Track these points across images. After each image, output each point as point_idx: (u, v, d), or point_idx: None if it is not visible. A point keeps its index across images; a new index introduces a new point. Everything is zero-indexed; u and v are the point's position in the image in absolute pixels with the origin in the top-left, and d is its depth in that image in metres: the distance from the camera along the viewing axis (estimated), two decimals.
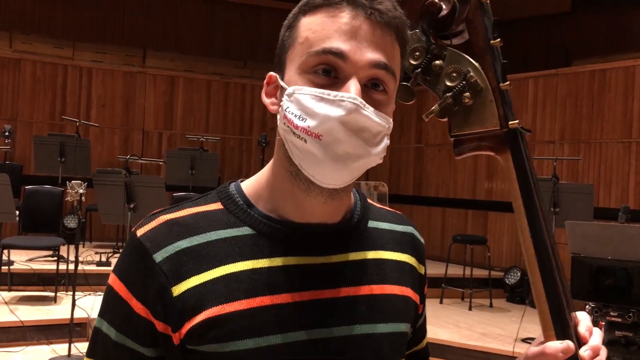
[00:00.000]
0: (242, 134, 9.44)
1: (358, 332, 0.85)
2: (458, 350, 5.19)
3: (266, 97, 0.87)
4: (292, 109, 0.79)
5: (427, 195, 8.80)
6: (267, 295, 0.80)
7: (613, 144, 6.84)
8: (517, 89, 7.76)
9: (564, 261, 4.15)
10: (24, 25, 9.91)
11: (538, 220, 0.82)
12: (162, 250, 0.80)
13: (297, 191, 0.83)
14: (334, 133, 0.77)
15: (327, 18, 0.80)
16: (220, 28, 11.04)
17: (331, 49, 0.78)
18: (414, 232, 1.00)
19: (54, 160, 6.82)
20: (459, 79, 0.83)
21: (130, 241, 0.83)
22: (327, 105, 0.77)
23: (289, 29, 0.84)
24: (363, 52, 0.78)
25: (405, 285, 0.93)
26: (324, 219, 0.86)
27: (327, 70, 0.79)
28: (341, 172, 0.79)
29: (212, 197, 0.88)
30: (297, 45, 0.81)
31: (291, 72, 0.81)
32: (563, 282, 0.84)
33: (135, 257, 0.81)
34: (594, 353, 0.82)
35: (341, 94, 0.77)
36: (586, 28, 9.62)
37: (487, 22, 0.83)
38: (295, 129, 0.78)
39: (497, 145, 0.83)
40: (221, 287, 0.79)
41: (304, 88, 0.79)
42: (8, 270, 5.86)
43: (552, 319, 0.82)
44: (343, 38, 0.78)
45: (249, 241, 0.83)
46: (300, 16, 0.83)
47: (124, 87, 8.81)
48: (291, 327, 0.81)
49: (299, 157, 0.79)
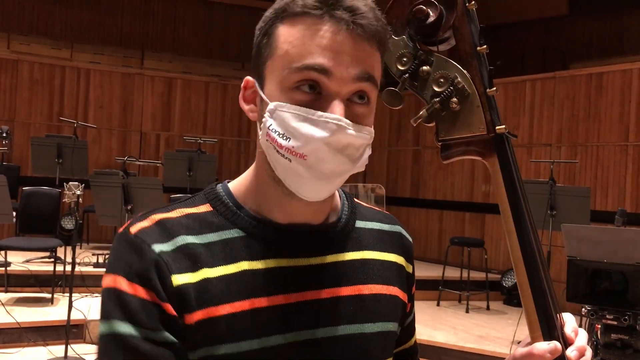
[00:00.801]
0: (239, 135, 9.45)
1: (345, 333, 0.85)
2: (455, 352, 5.19)
3: (244, 102, 0.85)
4: (274, 126, 0.78)
5: (424, 197, 8.80)
6: (263, 297, 0.81)
7: (610, 147, 6.86)
8: (514, 92, 7.78)
9: (560, 264, 4.13)
10: (22, 26, 9.91)
11: (524, 224, 0.84)
12: (158, 243, 0.80)
13: (280, 195, 0.84)
14: (319, 154, 0.77)
15: (307, 31, 0.78)
16: (218, 30, 11.05)
17: (314, 65, 0.77)
18: (401, 232, 1.01)
19: (51, 161, 6.82)
20: (447, 84, 0.84)
21: (122, 239, 0.81)
22: (311, 125, 0.77)
23: (266, 36, 0.82)
24: (346, 68, 0.78)
25: (393, 285, 0.94)
26: (307, 219, 0.87)
27: (312, 86, 0.78)
28: (325, 188, 0.80)
29: (200, 198, 0.88)
30: (276, 57, 0.80)
31: (272, 86, 0.80)
32: (549, 284, 0.85)
33: (132, 251, 0.79)
34: (579, 353, 0.83)
35: (325, 115, 0.76)
36: (583, 32, 9.65)
37: (474, 28, 0.84)
38: (279, 148, 0.78)
39: (484, 150, 0.85)
40: (217, 288, 0.79)
41: (287, 105, 0.78)
42: (5, 271, 5.86)
43: (539, 320, 0.83)
44: (326, 54, 0.77)
45: (240, 243, 0.83)
46: (277, 23, 0.81)
47: (121, 88, 8.82)
48: (280, 329, 0.81)
49: (283, 174, 0.80)
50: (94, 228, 7.99)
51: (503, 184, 0.84)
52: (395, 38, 0.85)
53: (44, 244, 5.99)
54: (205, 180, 7.32)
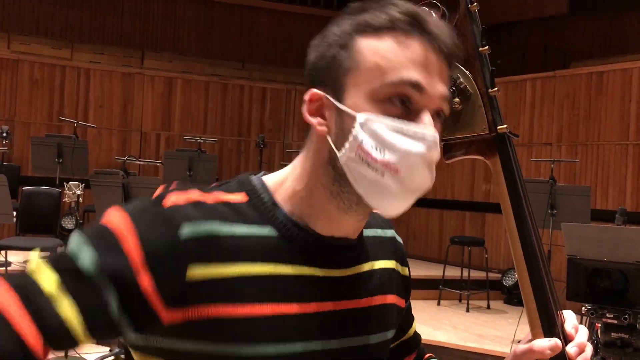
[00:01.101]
0: (240, 135, 9.45)
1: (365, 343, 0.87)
2: (455, 351, 5.19)
3: (309, 115, 0.82)
4: (367, 139, 0.76)
5: (424, 197, 8.63)
6: (292, 303, 0.80)
7: (610, 146, 6.86)
8: (514, 91, 7.78)
9: (560, 263, 4.15)
10: (22, 26, 9.91)
11: (526, 222, 0.85)
12: (190, 224, 0.76)
13: (333, 210, 0.82)
14: (413, 168, 0.76)
15: (397, 45, 0.78)
16: (218, 29, 11.05)
17: (410, 81, 0.77)
18: (394, 235, 1.01)
19: (51, 161, 6.82)
20: (449, 85, 0.84)
21: (153, 206, 0.77)
22: (408, 139, 0.76)
23: (344, 48, 0.80)
24: (436, 85, 0.78)
25: (392, 293, 0.95)
26: (349, 234, 0.86)
27: (403, 100, 0.77)
28: (406, 204, 0.80)
29: (235, 186, 0.85)
30: (363, 69, 0.78)
31: (357, 98, 0.78)
32: (550, 282, 0.86)
33: (158, 220, 0.75)
34: (579, 350, 0.84)
35: (421, 130, 0.76)
36: (584, 31, 9.65)
37: (476, 30, 0.85)
38: (372, 161, 0.76)
39: (486, 150, 0.86)
40: (242, 286, 0.78)
41: (380, 118, 0.77)
42: (5, 271, 5.85)
43: (539, 317, 0.85)
44: (418, 69, 0.77)
45: (271, 243, 0.81)
46: (356, 37, 0.80)
47: (121, 88, 8.82)
48: (309, 336, 0.81)
49: (366, 188, 0.78)
50: None
51: (505, 184, 0.85)
52: None
53: (44, 244, 5.97)
54: (205, 180, 7.32)
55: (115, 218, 0.75)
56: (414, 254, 8.41)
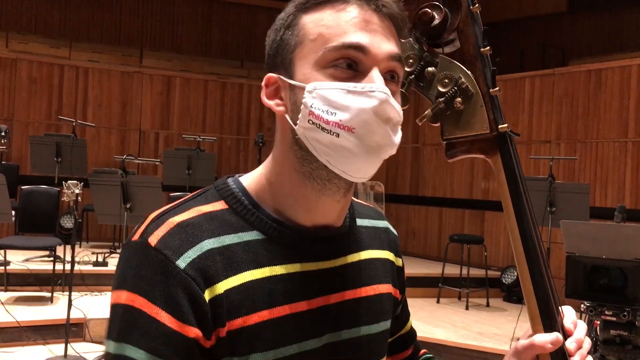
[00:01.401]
0: (239, 134, 9.44)
1: (358, 334, 0.87)
2: (455, 349, 5.19)
3: (267, 99, 0.84)
4: (317, 104, 0.77)
5: (424, 195, 8.81)
6: (285, 305, 0.80)
7: (609, 144, 6.86)
8: (513, 88, 7.78)
9: (559, 260, 4.12)
10: (20, 25, 9.90)
11: (526, 220, 0.86)
12: (183, 255, 0.75)
13: (309, 192, 0.82)
14: (368, 124, 0.77)
15: (336, 12, 0.80)
16: (217, 28, 11.04)
17: (351, 44, 0.78)
18: (388, 226, 1.02)
19: (50, 160, 6.82)
20: (451, 84, 0.86)
21: (142, 251, 0.76)
22: (358, 97, 0.77)
23: (289, 28, 0.82)
24: (380, 45, 0.79)
25: (388, 282, 0.96)
26: (332, 220, 0.86)
27: (349, 64, 0.79)
28: (371, 164, 0.80)
29: (213, 194, 0.85)
30: (307, 42, 0.80)
31: (305, 70, 0.80)
32: (550, 279, 0.87)
33: (154, 268, 0.74)
34: (578, 345, 0.86)
35: (369, 85, 0.77)
36: (582, 28, 9.65)
37: (478, 30, 0.86)
38: (325, 124, 0.77)
39: (488, 148, 0.86)
40: (244, 297, 0.77)
41: (328, 82, 0.78)
42: (4, 270, 5.86)
43: (540, 313, 0.85)
44: (359, 31, 0.79)
45: (260, 247, 0.81)
46: (300, 14, 0.82)
47: (120, 87, 8.81)
48: (306, 335, 0.81)
49: (327, 154, 0.78)
50: (94, 227, 7.99)
51: (506, 182, 0.86)
52: (401, 40, 0.86)
53: (43, 242, 5.98)
54: (204, 179, 7.32)
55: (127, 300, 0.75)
56: (413, 252, 8.42)
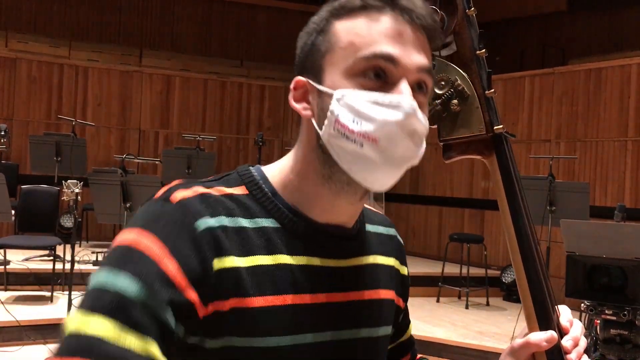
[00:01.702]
0: (238, 133, 9.44)
1: (363, 336, 0.88)
2: (455, 348, 5.20)
3: (295, 102, 0.85)
4: (344, 113, 0.78)
5: (424, 194, 8.81)
6: (290, 294, 0.81)
7: (609, 143, 6.86)
8: (513, 87, 7.78)
9: (559, 260, 4.12)
10: (20, 24, 9.90)
11: (522, 219, 0.87)
12: (203, 219, 0.76)
13: (326, 194, 0.83)
14: (392, 137, 0.77)
15: (369, 22, 0.80)
16: (216, 27, 11.04)
17: (382, 54, 0.78)
18: (396, 235, 1.03)
19: (50, 159, 6.82)
20: (447, 87, 0.87)
21: (163, 202, 0.77)
22: (384, 109, 0.77)
23: (321, 33, 0.82)
24: (410, 56, 0.79)
25: (391, 289, 0.96)
26: (344, 221, 0.87)
27: (378, 74, 0.79)
28: (393, 175, 0.80)
29: (235, 179, 0.86)
30: (338, 49, 0.80)
31: (334, 76, 0.80)
32: (546, 278, 0.88)
33: (173, 219, 0.75)
34: (574, 343, 0.86)
35: (397, 98, 0.77)
36: (582, 27, 9.65)
37: (474, 33, 0.87)
38: (350, 134, 0.77)
39: (484, 149, 0.87)
40: (253, 278, 0.78)
41: (356, 92, 0.78)
42: (4, 269, 5.86)
43: (535, 312, 0.86)
44: (391, 42, 0.79)
45: (275, 235, 0.82)
46: (333, 20, 0.82)
47: (120, 86, 8.81)
48: (319, 327, 0.83)
49: (349, 162, 0.79)
50: (93, 226, 8.00)
51: (502, 182, 0.87)
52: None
53: (43, 242, 5.99)
54: (204, 178, 7.32)
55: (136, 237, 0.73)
56: (413, 251, 8.42)
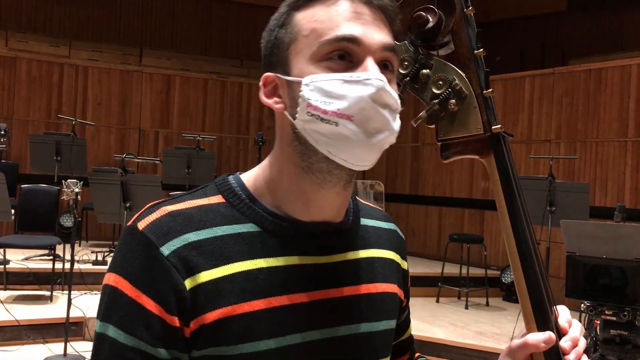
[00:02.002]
0: (238, 132, 9.44)
1: (359, 331, 0.87)
2: (454, 349, 5.20)
3: (266, 98, 0.86)
4: (315, 96, 0.79)
5: (423, 194, 8.81)
6: (282, 295, 0.81)
7: (609, 143, 6.86)
8: (513, 88, 7.77)
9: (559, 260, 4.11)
10: (20, 23, 9.90)
11: (520, 220, 0.86)
12: (168, 242, 0.77)
13: (308, 186, 0.83)
14: (366, 111, 0.78)
15: (327, 7, 0.81)
16: (217, 27, 11.04)
17: (344, 36, 0.79)
18: (396, 229, 1.03)
19: (49, 159, 6.82)
20: (445, 86, 0.87)
21: (130, 235, 0.79)
22: (355, 85, 0.78)
23: (283, 27, 0.84)
24: (373, 35, 0.80)
25: (393, 282, 0.96)
26: (330, 216, 0.87)
27: (342, 55, 0.80)
28: (371, 151, 0.81)
29: (212, 189, 0.86)
30: (301, 38, 0.82)
31: (301, 65, 0.81)
32: (544, 278, 0.88)
33: (139, 252, 0.77)
34: (573, 343, 0.86)
35: (365, 74, 0.78)
36: (582, 27, 9.65)
37: (471, 33, 0.87)
38: (324, 115, 0.78)
39: (481, 149, 0.87)
40: (233, 286, 0.78)
41: (323, 74, 0.79)
42: (4, 269, 5.86)
43: (533, 312, 0.86)
44: (352, 23, 0.80)
45: (255, 239, 0.82)
46: (293, 12, 0.83)
47: (120, 85, 8.81)
48: (305, 327, 0.82)
49: (327, 144, 0.79)
50: (93, 225, 7.99)
51: (500, 182, 0.86)
52: (397, 43, 0.87)
53: (42, 241, 5.99)
54: (204, 178, 7.32)
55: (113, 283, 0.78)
56: (412, 251, 8.42)
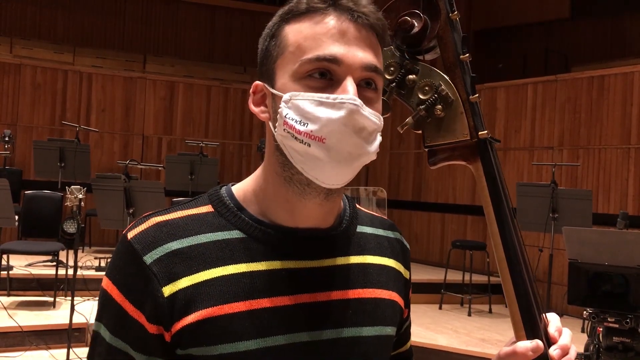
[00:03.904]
0: (241, 139, 9.46)
1: (344, 335, 0.87)
2: (457, 356, 5.18)
3: (254, 106, 0.88)
4: (291, 114, 0.80)
5: (426, 200, 8.79)
6: (265, 298, 0.82)
7: (612, 150, 6.84)
8: (516, 94, 7.77)
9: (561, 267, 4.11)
10: (24, 30, 9.95)
11: (507, 226, 0.86)
12: (152, 252, 0.81)
13: (290, 196, 0.85)
14: (337, 135, 0.78)
15: (314, 24, 0.82)
16: (220, 33, 11.08)
17: (325, 56, 0.80)
18: (400, 238, 1.02)
19: (53, 165, 6.84)
20: (431, 92, 0.86)
21: (121, 244, 0.84)
22: (328, 108, 0.78)
23: (273, 38, 0.85)
24: (354, 54, 0.81)
25: (392, 290, 0.95)
26: (316, 223, 0.87)
27: (323, 73, 0.81)
28: (344, 172, 0.81)
29: (203, 200, 0.89)
30: (287, 53, 0.82)
31: (284, 80, 0.82)
32: (533, 285, 0.87)
33: (126, 260, 0.82)
34: (563, 352, 0.85)
35: (340, 96, 0.79)
36: (585, 34, 9.64)
37: (457, 37, 0.87)
38: (297, 134, 0.79)
39: (468, 155, 0.87)
40: (214, 289, 0.80)
41: (302, 94, 0.80)
42: (7, 275, 5.87)
43: (522, 320, 0.85)
44: (335, 42, 0.80)
45: (240, 244, 0.84)
46: (283, 25, 0.84)
47: (123, 92, 8.84)
48: (289, 329, 0.83)
49: (301, 162, 0.81)
50: (96, 232, 8.01)
51: (487, 188, 0.86)
52: (383, 49, 0.87)
53: (46, 247, 6.00)
54: (207, 184, 7.33)
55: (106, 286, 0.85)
56: (415, 257, 8.40)
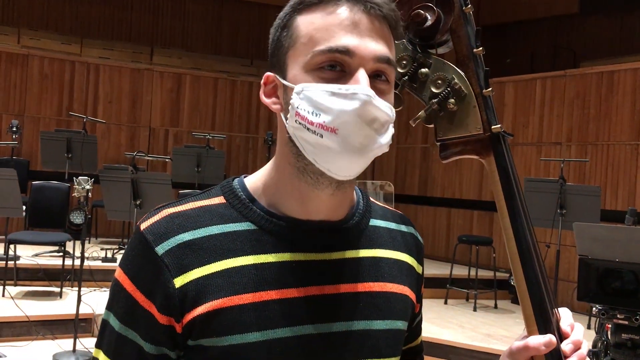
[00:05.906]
0: (248, 132, 9.46)
1: (356, 328, 0.87)
2: (463, 351, 5.18)
3: (265, 97, 0.88)
4: (303, 106, 0.80)
5: (432, 195, 8.78)
6: (273, 290, 0.82)
7: (621, 146, 6.80)
8: (524, 90, 7.73)
9: (569, 263, 4.11)
10: (32, 21, 9.97)
11: (520, 220, 0.85)
12: (163, 243, 0.82)
13: (303, 187, 0.84)
14: (349, 126, 0.78)
15: (326, 15, 0.81)
16: (227, 26, 11.07)
17: (337, 48, 0.79)
18: (414, 233, 1.02)
19: (60, 156, 6.86)
20: (444, 85, 0.86)
21: (134, 235, 0.85)
22: (341, 99, 0.78)
23: (285, 29, 0.85)
24: (367, 46, 0.80)
25: (403, 284, 0.95)
26: (328, 215, 0.87)
27: (334, 65, 0.80)
28: (356, 163, 0.81)
29: (216, 191, 0.89)
30: (299, 44, 0.82)
31: (295, 71, 0.82)
32: (545, 280, 0.86)
33: (139, 250, 0.83)
34: (575, 347, 0.85)
35: (353, 87, 0.78)
36: (594, 30, 9.58)
37: (470, 31, 0.86)
38: (310, 125, 0.79)
39: (481, 149, 0.87)
40: (224, 280, 0.81)
41: (314, 85, 0.80)
42: (14, 265, 5.90)
43: (534, 314, 0.85)
44: (347, 34, 0.80)
45: (251, 236, 0.84)
46: (295, 15, 0.84)
47: (131, 83, 8.85)
48: (297, 321, 0.83)
49: (313, 153, 0.80)
50: (103, 223, 8.03)
51: (499, 182, 0.86)
52: (395, 42, 0.86)
53: (53, 238, 6.03)
54: (213, 176, 7.34)
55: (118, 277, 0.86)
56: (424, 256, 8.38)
